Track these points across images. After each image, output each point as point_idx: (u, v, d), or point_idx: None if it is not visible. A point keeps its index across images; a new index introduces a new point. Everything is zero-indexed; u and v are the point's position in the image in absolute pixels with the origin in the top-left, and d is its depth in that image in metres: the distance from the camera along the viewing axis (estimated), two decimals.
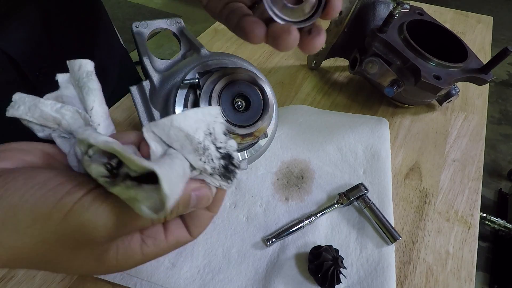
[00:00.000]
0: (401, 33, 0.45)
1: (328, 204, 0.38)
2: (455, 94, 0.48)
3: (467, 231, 0.38)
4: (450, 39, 0.49)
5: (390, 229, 0.36)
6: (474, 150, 0.46)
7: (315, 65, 0.57)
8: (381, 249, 0.35)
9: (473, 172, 0.44)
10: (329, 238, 0.36)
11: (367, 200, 0.37)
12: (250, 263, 0.34)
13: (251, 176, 0.40)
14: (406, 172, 0.43)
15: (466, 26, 0.71)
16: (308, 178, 0.41)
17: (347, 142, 0.44)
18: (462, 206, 0.40)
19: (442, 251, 0.36)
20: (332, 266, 0.31)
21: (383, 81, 0.45)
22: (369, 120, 0.47)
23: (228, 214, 0.37)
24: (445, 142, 0.47)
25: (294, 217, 0.38)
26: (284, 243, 0.36)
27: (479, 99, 0.54)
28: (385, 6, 0.48)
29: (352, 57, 0.50)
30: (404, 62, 0.43)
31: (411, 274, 0.35)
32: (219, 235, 0.36)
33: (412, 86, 0.43)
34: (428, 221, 0.38)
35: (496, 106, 1.83)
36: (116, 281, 0.32)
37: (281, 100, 0.53)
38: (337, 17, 0.48)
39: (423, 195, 0.41)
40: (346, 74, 0.58)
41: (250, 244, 0.35)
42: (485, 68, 0.45)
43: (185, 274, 0.33)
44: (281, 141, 0.44)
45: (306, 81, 0.56)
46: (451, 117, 0.51)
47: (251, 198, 0.39)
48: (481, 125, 0.50)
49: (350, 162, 0.42)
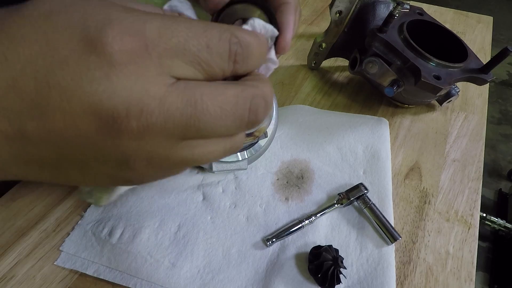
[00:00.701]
0: (401, 33, 0.45)
1: (328, 204, 0.38)
2: (455, 94, 0.48)
3: (467, 231, 0.38)
4: (450, 39, 0.49)
5: (390, 229, 0.36)
6: (474, 150, 0.46)
7: (315, 65, 0.57)
8: (381, 249, 0.35)
9: (473, 172, 0.44)
10: (329, 238, 0.36)
11: (367, 200, 0.37)
12: (250, 263, 0.34)
13: (251, 176, 0.40)
14: (406, 172, 0.43)
15: (466, 26, 0.71)
16: (308, 178, 0.41)
17: (347, 142, 0.44)
18: (462, 206, 0.40)
19: (442, 251, 0.36)
20: (332, 266, 0.31)
21: (383, 81, 0.45)
22: (369, 120, 0.47)
23: (228, 214, 0.37)
24: (445, 142, 0.47)
25: (294, 217, 0.38)
26: (284, 243, 0.36)
27: (479, 99, 0.54)
28: (385, 6, 0.48)
29: (352, 57, 0.50)
30: (404, 62, 0.43)
31: (411, 274, 0.35)
32: (219, 235, 0.36)
33: (412, 86, 0.43)
34: (428, 221, 0.38)
35: (496, 106, 1.83)
36: (116, 281, 0.32)
37: (281, 100, 0.53)
38: (337, 17, 0.48)
39: (423, 195, 0.41)
40: (346, 74, 0.58)
41: (250, 244, 0.35)
42: (485, 68, 0.45)
43: (185, 274, 0.33)
44: (281, 141, 0.44)
45: (306, 81, 0.56)
46: (451, 117, 0.51)
47: (251, 198, 0.39)
48: (481, 125, 0.50)
49: (350, 162, 0.42)
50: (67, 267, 0.33)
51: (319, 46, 0.53)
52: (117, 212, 0.37)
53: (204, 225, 0.36)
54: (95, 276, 0.33)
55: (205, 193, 0.39)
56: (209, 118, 0.15)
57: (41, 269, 0.33)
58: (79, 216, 0.37)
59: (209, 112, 0.15)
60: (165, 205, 0.38)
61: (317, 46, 0.53)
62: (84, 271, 0.33)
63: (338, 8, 0.47)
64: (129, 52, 0.13)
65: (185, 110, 0.14)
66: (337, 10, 0.47)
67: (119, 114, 0.13)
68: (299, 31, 0.67)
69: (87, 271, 0.33)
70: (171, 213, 0.37)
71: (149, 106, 0.13)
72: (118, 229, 0.35)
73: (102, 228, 0.35)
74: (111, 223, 0.36)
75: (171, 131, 0.15)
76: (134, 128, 0.14)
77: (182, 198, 0.38)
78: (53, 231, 0.36)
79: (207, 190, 0.39)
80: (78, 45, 0.13)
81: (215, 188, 0.39)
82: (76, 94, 0.13)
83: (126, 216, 0.36)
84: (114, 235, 0.35)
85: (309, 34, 0.66)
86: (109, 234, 0.35)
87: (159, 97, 0.14)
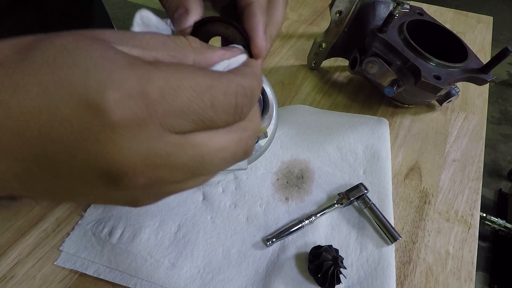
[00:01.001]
0: (401, 33, 0.45)
1: (328, 204, 0.38)
2: (455, 94, 0.48)
3: (467, 231, 0.38)
4: (450, 39, 0.49)
5: (390, 229, 0.36)
6: (474, 150, 0.46)
7: (315, 65, 0.57)
8: (381, 249, 0.35)
9: (473, 172, 0.44)
10: (329, 238, 0.36)
11: (367, 200, 0.37)
12: (250, 263, 0.34)
13: (251, 176, 0.40)
14: (406, 172, 0.43)
15: (466, 26, 0.71)
16: (308, 178, 0.41)
17: (347, 142, 0.44)
18: (462, 206, 0.40)
19: (442, 251, 0.36)
20: (332, 266, 0.31)
21: (383, 81, 0.45)
22: (369, 120, 0.47)
23: (228, 214, 0.37)
24: (445, 142, 0.47)
25: (294, 217, 0.38)
26: (284, 243, 0.36)
27: (479, 99, 0.54)
28: (385, 6, 0.48)
29: (352, 57, 0.50)
30: (404, 62, 0.43)
31: (411, 274, 0.35)
32: (219, 235, 0.36)
33: (412, 86, 0.43)
34: (428, 221, 0.38)
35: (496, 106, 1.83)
36: (116, 281, 0.32)
37: (281, 100, 0.53)
38: (337, 17, 0.48)
39: (423, 195, 0.41)
40: (346, 74, 0.58)
41: (250, 244, 0.35)
42: (485, 68, 0.45)
43: (185, 274, 0.33)
44: (281, 141, 0.44)
45: (306, 81, 0.56)
46: (451, 117, 0.51)
47: (251, 198, 0.39)
48: (481, 125, 0.50)
49: (350, 162, 0.42)
50: (67, 267, 0.33)
51: (319, 46, 0.53)
52: (117, 212, 0.37)
53: (204, 225, 0.36)
54: (95, 276, 0.33)
55: (205, 193, 0.39)
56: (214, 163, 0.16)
57: (41, 269, 0.33)
58: (79, 216, 0.37)
59: (214, 162, 0.16)
60: (165, 205, 0.38)
61: (317, 46, 0.53)
62: (84, 271, 0.33)
63: (338, 8, 0.47)
64: (131, 117, 0.13)
65: (191, 162, 0.15)
66: (337, 10, 0.47)
67: (126, 173, 0.14)
68: (299, 31, 0.67)
69: (87, 271, 0.33)
70: (171, 213, 0.37)
71: (155, 162, 0.14)
72: (118, 229, 0.35)
73: (102, 228, 0.35)
74: (111, 223, 0.36)
75: (179, 178, 0.16)
76: (141, 183, 0.14)
77: (182, 198, 0.38)
78: (53, 231, 0.36)
79: (207, 190, 0.39)
80: (80, 106, 0.13)
81: (215, 188, 0.39)
82: (81, 152, 0.13)
83: (126, 216, 0.36)
84: (114, 235, 0.35)
85: (309, 34, 0.66)
86: (109, 234, 0.35)
87: (165, 153, 0.14)
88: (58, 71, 0.13)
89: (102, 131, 0.13)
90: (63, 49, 0.13)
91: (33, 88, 0.12)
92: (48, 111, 0.12)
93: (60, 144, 0.13)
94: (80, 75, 0.13)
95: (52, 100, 0.12)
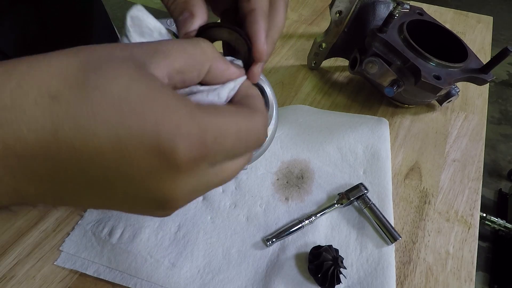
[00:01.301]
0: (401, 33, 0.45)
1: (328, 204, 0.38)
2: (455, 94, 0.48)
3: (467, 231, 0.38)
4: (450, 39, 0.49)
5: (390, 229, 0.36)
6: (474, 150, 0.46)
7: (315, 65, 0.57)
8: (381, 249, 0.35)
9: (473, 172, 0.44)
10: (329, 238, 0.36)
11: (367, 200, 0.37)
12: (250, 263, 0.34)
13: (251, 176, 0.40)
14: (406, 172, 0.43)
15: (466, 26, 0.71)
16: (308, 178, 0.41)
17: (347, 142, 0.44)
18: (462, 206, 0.40)
19: (442, 251, 0.36)
20: (332, 266, 0.31)
21: (383, 81, 0.45)
22: (369, 120, 0.47)
23: (228, 214, 0.37)
24: (445, 142, 0.47)
25: (294, 217, 0.38)
26: (284, 243, 0.36)
27: (479, 99, 0.54)
28: (385, 6, 0.48)
29: (352, 57, 0.50)
30: (404, 62, 0.43)
31: (411, 274, 0.35)
32: (219, 235, 0.36)
33: (412, 86, 0.43)
34: (428, 221, 0.38)
35: (496, 106, 1.83)
36: (116, 281, 0.32)
37: (281, 100, 0.53)
38: (337, 17, 0.48)
39: (423, 195, 0.41)
40: (346, 74, 0.58)
41: (250, 244, 0.35)
42: (485, 68, 0.45)
43: (185, 274, 0.33)
44: (281, 141, 0.44)
45: (306, 81, 0.56)
46: (451, 117, 0.51)
47: (251, 198, 0.39)
48: (481, 125, 0.50)
49: (350, 162, 0.42)
50: (67, 267, 0.33)
51: (319, 46, 0.53)
52: (117, 212, 0.37)
53: (204, 225, 0.36)
54: (95, 276, 0.33)
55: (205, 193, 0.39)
56: (231, 178, 0.21)
57: (41, 269, 0.33)
58: (79, 216, 0.37)
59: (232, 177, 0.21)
60: None
61: (317, 46, 0.53)
62: (84, 271, 0.33)
63: (338, 8, 0.47)
64: (192, 160, 0.15)
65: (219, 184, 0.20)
66: (337, 10, 0.47)
67: (176, 201, 0.17)
68: (299, 31, 0.67)
69: (87, 271, 0.33)
70: None
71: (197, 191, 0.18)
72: (118, 229, 0.35)
73: (102, 228, 0.35)
74: (111, 223, 0.36)
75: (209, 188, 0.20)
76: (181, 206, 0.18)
77: None
78: (53, 231, 0.36)
79: None
80: (150, 153, 0.14)
81: (215, 188, 0.39)
82: (142, 186, 0.15)
83: (126, 216, 0.36)
84: (114, 235, 0.35)
85: (309, 34, 0.66)
86: (109, 234, 0.35)
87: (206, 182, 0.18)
88: (129, 121, 0.14)
89: (167, 172, 0.15)
90: (126, 93, 0.14)
91: (102, 133, 0.14)
92: (117, 155, 0.14)
93: (124, 178, 0.15)
94: (152, 127, 0.14)
95: (123, 145, 0.14)
